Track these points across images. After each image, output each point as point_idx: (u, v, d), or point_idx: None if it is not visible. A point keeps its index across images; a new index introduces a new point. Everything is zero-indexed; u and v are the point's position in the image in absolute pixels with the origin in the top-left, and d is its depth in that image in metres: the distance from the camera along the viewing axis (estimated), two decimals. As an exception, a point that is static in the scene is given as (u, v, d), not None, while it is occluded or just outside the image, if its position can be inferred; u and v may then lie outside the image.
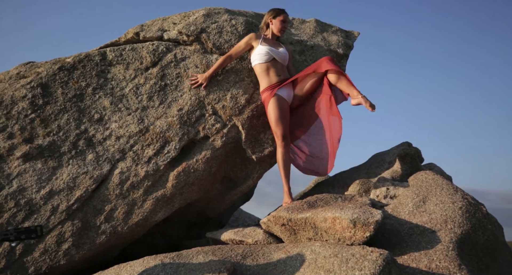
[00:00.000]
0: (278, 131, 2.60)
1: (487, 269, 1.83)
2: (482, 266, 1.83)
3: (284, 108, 2.64)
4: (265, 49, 2.66)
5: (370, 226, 1.84)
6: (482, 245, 1.91)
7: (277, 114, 2.60)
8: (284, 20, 2.77)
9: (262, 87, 2.71)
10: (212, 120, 2.74)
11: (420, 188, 2.37)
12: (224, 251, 2.05)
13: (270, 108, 2.63)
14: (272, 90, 2.65)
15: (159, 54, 2.88)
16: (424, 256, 1.78)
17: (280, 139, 2.60)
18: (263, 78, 2.71)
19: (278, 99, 2.64)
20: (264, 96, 2.69)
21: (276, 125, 2.60)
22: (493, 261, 1.90)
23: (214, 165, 2.71)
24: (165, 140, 2.66)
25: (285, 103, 2.68)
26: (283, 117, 2.62)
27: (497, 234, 2.07)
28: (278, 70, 2.70)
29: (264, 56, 2.66)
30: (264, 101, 2.71)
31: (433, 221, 2.01)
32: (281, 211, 2.24)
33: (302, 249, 1.92)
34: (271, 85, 2.67)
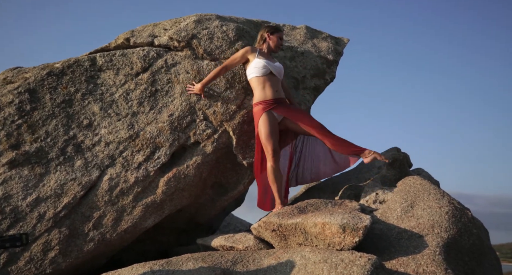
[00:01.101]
0: (268, 146, 2.61)
1: (472, 273, 1.87)
2: (468, 270, 1.86)
3: (274, 124, 2.66)
4: (263, 62, 2.68)
5: (359, 231, 1.86)
6: (468, 249, 1.94)
7: (268, 130, 2.61)
8: (281, 38, 2.87)
9: (256, 99, 2.70)
10: (203, 126, 2.74)
11: (408, 193, 2.41)
12: (214, 258, 2.04)
13: (261, 123, 2.64)
14: (267, 106, 2.65)
15: (149, 60, 2.88)
16: (411, 261, 1.80)
17: (271, 153, 2.60)
18: (259, 91, 2.69)
19: (269, 115, 2.64)
20: (256, 109, 2.69)
21: (267, 141, 2.61)
22: (478, 265, 1.94)
23: (205, 170, 2.71)
24: (156, 146, 2.65)
25: (275, 120, 2.69)
26: (274, 133, 2.63)
27: (483, 238, 2.11)
28: (274, 85, 2.71)
29: (262, 70, 2.67)
30: (255, 114, 2.70)
31: (421, 225, 2.04)
32: (272, 216, 2.25)
33: (292, 254, 1.93)
34: (266, 101, 2.65)
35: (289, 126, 2.74)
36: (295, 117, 2.68)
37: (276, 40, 2.81)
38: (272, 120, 2.63)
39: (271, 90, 2.66)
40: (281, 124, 2.73)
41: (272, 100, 2.65)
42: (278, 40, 2.82)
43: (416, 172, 3.13)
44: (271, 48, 2.84)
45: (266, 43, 2.83)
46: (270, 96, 2.65)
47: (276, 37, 2.81)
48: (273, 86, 2.68)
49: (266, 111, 2.63)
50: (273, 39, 2.82)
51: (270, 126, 2.61)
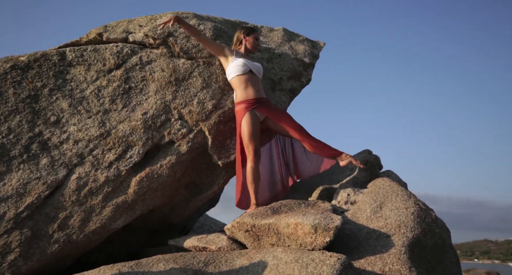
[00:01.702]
0: (250, 146, 2.60)
1: (434, 270, 1.96)
2: (430, 267, 1.96)
3: (257, 124, 2.66)
4: (242, 60, 2.69)
5: (330, 231, 1.90)
6: (431, 248, 2.04)
7: (251, 130, 2.61)
8: (258, 38, 2.88)
9: (238, 99, 2.69)
10: (178, 125, 2.70)
11: (378, 194, 2.49)
12: (186, 259, 2.02)
13: (244, 123, 2.63)
14: (249, 106, 2.65)
15: (123, 57, 2.80)
16: (379, 260, 1.86)
17: (252, 153, 2.60)
18: (241, 91, 2.68)
19: (252, 115, 2.64)
20: (238, 108, 2.68)
21: (249, 141, 2.60)
22: (439, 263, 2.04)
23: (179, 170, 2.67)
24: (128, 144, 2.58)
25: (258, 120, 2.70)
26: (256, 133, 2.64)
27: (444, 237, 2.22)
28: (256, 85, 2.71)
29: (242, 68, 2.67)
30: (237, 113, 2.69)
31: (388, 225, 2.12)
32: (245, 217, 2.25)
33: (265, 255, 1.94)
34: (249, 100, 2.65)
35: (270, 127, 2.76)
36: (277, 118, 2.70)
37: (253, 41, 2.83)
38: (254, 120, 2.64)
39: (253, 90, 2.67)
40: (262, 124, 2.74)
41: (254, 99, 2.65)
42: (255, 41, 2.84)
43: (386, 174, 3.24)
44: (248, 49, 2.85)
45: (243, 45, 2.85)
46: (252, 96, 2.65)
47: (252, 38, 2.83)
48: (255, 85, 2.69)
49: (249, 111, 2.63)
50: (249, 40, 2.83)
51: (253, 126, 2.61)
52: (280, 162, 2.94)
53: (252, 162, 2.60)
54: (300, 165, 2.94)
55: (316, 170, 2.91)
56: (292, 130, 2.66)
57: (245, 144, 2.62)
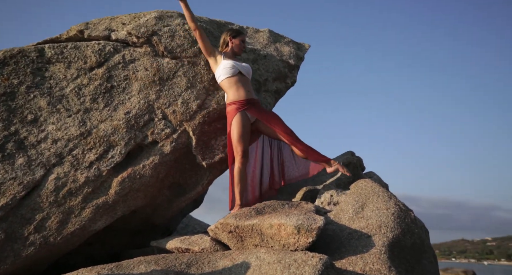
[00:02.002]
0: (239, 147, 2.61)
1: (412, 270, 2.01)
2: (409, 267, 2.00)
3: (247, 125, 2.67)
4: (231, 62, 2.71)
5: (312, 232, 1.91)
6: (410, 248, 2.08)
7: (240, 131, 2.62)
8: (244, 40, 2.89)
9: (230, 100, 2.70)
10: (161, 125, 2.66)
11: (360, 195, 2.53)
12: (168, 260, 1.99)
13: (234, 124, 2.64)
14: (240, 107, 2.65)
15: (105, 55, 2.74)
16: (360, 260, 1.89)
17: (240, 154, 2.61)
18: (232, 92, 2.69)
19: (243, 116, 2.65)
20: (229, 108, 2.69)
21: (238, 142, 2.61)
22: (418, 262, 2.08)
23: (162, 170, 2.64)
24: (110, 144, 2.53)
25: (249, 121, 2.71)
26: (246, 134, 2.65)
27: (423, 237, 2.28)
28: (246, 85, 2.73)
29: (231, 70, 2.68)
30: (228, 113, 2.70)
31: (370, 226, 2.16)
32: (229, 218, 2.24)
33: (248, 256, 1.94)
34: (240, 101, 2.66)
35: (260, 129, 2.77)
36: (267, 120, 2.71)
37: (239, 43, 2.85)
38: (245, 121, 2.64)
39: (244, 91, 2.68)
40: (252, 125, 2.75)
41: (245, 100, 2.66)
42: (241, 43, 2.86)
43: (368, 175, 3.30)
44: (234, 51, 2.86)
45: (230, 47, 2.86)
46: (243, 97, 2.66)
47: (238, 40, 2.85)
48: (245, 86, 2.71)
49: (240, 112, 2.63)
50: (235, 43, 2.85)
51: (243, 128, 2.62)
52: (272, 164, 2.96)
53: (239, 162, 2.61)
54: (287, 169, 2.96)
55: (304, 174, 2.95)
56: (282, 133, 2.67)
57: (234, 145, 2.63)
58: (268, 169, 2.96)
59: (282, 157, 2.96)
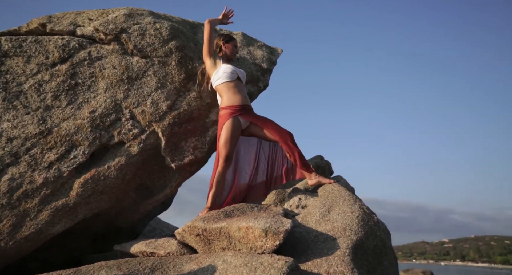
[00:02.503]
0: (223, 151, 2.61)
1: (374, 271, 2.08)
2: (371, 269, 2.07)
3: (237, 131, 2.67)
4: (231, 67, 2.73)
5: (280, 235, 1.93)
6: (372, 250, 2.16)
7: (229, 136, 2.61)
8: (236, 45, 2.94)
9: (224, 104, 2.68)
10: (129, 125, 2.59)
11: (327, 198, 2.59)
12: (131, 265, 1.93)
13: (224, 128, 2.63)
14: (234, 112, 2.65)
15: (70, 50, 2.62)
16: (325, 262, 1.93)
17: (223, 158, 2.61)
18: (228, 96, 2.68)
19: (235, 121, 2.64)
20: (223, 112, 2.67)
21: (224, 146, 2.61)
22: (379, 264, 2.17)
23: (129, 172, 2.56)
24: (72, 144, 2.41)
25: (240, 127, 2.70)
26: (233, 140, 2.64)
27: (385, 239, 2.37)
28: (242, 91, 2.74)
29: (231, 74, 2.70)
30: (221, 117, 2.68)
31: (335, 229, 2.21)
32: (197, 221, 2.22)
33: (215, 259, 1.92)
34: (235, 107, 2.66)
35: (253, 133, 2.78)
36: (262, 123, 2.72)
37: (232, 48, 2.90)
38: (236, 127, 2.64)
39: (240, 96, 2.69)
40: (245, 131, 2.76)
41: (240, 106, 2.67)
42: (233, 48, 2.91)
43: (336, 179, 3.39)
44: (227, 56, 2.89)
45: (223, 51, 2.88)
46: (238, 102, 2.67)
47: (231, 45, 2.90)
48: (241, 92, 2.73)
49: (233, 117, 2.63)
50: (228, 47, 2.89)
51: (232, 133, 2.62)
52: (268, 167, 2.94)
53: (221, 166, 2.61)
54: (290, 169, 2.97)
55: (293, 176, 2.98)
56: (276, 134, 2.68)
57: (220, 148, 2.63)
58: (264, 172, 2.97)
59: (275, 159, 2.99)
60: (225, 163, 2.61)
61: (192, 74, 2.86)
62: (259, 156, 2.95)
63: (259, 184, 2.97)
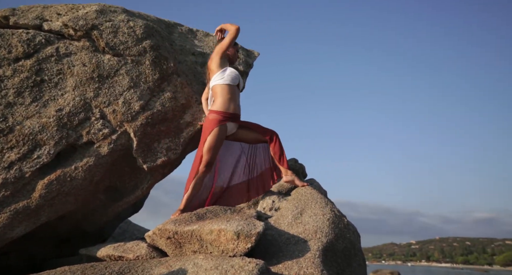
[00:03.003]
0: (206, 157, 2.60)
1: (343, 273, 2.13)
2: (340, 270, 2.12)
3: (222, 139, 2.68)
4: (237, 73, 2.75)
5: (252, 237, 1.93)
6: (341, 251, 2.21)
7: (213, 143, 2.61)
8: (238, 51, 2.99)
9: (217, 107, 2.66)
10: (99, 125, 2.50)
11: (300, 201, 2.63)
12: (96, 269, 1.86)
13: (211, 135, 2.61)
14: (224, 119, 2.65)
15: (35, 45, 2.50)
16: (295, 264, 1.95)
17: (205, 164, 2.61)
18: (224, 100, 2.67)
19: (222, 129, 2.64)
20: (213, 117, 2.64)
21: (207, 152, 2.60)
22: (348, 265, 2.22)
23: (98, 173, 2.47)
24: (36, 143, 2.30)
25: (225, 135, 2.71)
26: (217, 147, 2.64)
27: (355, 241, 2.43)
28: (237, 99, 2.75)
29: (235, 79, 2.71)
30: (210, 121, 2.65)
31: (307, 231, 2.25)
32: (168, 223, 2.18)
33: (185, 262, 1.89)
34: (227, 114, 2.65)
35: (239, 138, 2.80)
36: (250, 125, 2.79)
37: (234, 52, 2.92)
38: (222, 135, 2.65)
39: (234, 104, 2.70)
40: (230, 136, 2.78)
41: (231, 114, 2.68)
42: (236, 53, 2.93)
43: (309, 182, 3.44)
44: (230, 60, 2.90)
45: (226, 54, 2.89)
46: (232, 110, 2.68)
47: (234, 50, 2.92)
48: (236, 99, 2.74)
49: (221, 125, 2.63)
50: (231, 51, 2.90)
51: (217, 141, 2.62)
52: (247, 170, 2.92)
53: (201, 171, 2.61)
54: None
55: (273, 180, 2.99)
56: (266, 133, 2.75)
57: (203, 153, 2.62)
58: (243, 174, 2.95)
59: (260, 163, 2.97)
60: (205, 168, 2.61)
61: (167, 74, 2.81)
62: (239, 158, 2.95)
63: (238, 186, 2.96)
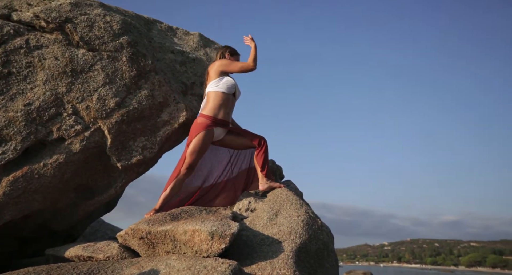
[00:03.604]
0: (188, 160, 2.59)
1: (315, 273, 2.16)
2: (312, 271, 2.15)
3: (208, 144, 2.67)
4: (234, 82, 2.74)
5: (226, 238, 1.93)
6: (314, 253, 2.24)
7: (198, 147, 2.59)
8: (238, 60, 2.96)
9: (207, 112, 2.65)
10: (71, 121, 2.42)
11: (275, 202, 2.65)
12: (63, 270, 1.79)
13: (197, 138, 2.60)
14: (212, 125, 2.64)
15: (2, 36, 2.39)
16: (269, 265, 1.97)
17: (186, 167, 2.59)
18: (215, 106, 2.66)
19: (208, 134, 2.63)
20: (201, 120, 2.64)
21: (190, 155, 2.59)
22: (320, 266, 2.26)
23: (68, 171, 2.39)
24: (1, 138, 2.19)
25: (211, 140, 2.70)
26: (201, 151, 2.63)
27: (328, 242, 2.48)
28: (230, 107, 2.75)
29: (231, 88, 2.70)
30: (198, 124, 2.63)
31: (281, 232, 2.26)
32: (141, 223, 2.14)
33: (157, 263, 1.86)
34: (215, 119, 2.65)
35: (225, 143, 2.80)
36: (240, 130, 2.80)
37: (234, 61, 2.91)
38: (208, 140, 2.64)
39: (224, 111, 2.69)
40: (217, 142, 2.77)
41: (220, 120, 2.67)
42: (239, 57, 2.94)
43: (286, 184, 3.47)
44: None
45: None
46: (221, 117, 2.68)
47: (235, 58, 2.93)
48: (229, 108, 2.74)
49: (208, 130, 2.62)
50: (232, 60, 2.90)
51: (202, 145, 2.61)
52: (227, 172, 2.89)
53: (183, 174, 2.59)
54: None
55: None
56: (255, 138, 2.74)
57: (187, 155, 2.61)
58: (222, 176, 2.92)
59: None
60: (186, 171, 2.60)
61: (145, 72, 2.76)
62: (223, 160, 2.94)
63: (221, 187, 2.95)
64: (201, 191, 2.85)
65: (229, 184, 2.91)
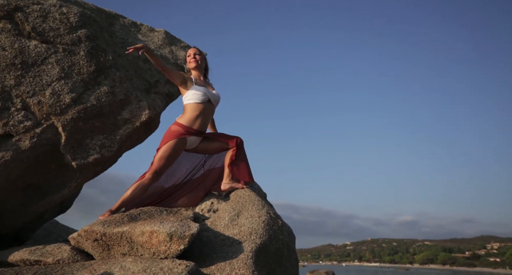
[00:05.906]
0: (156, 166, 2.52)
1: (273, 273, 2.19)
2: (271, 270, 2.18)
3: (178, 152, 2.61)
4: (203, 89, 2.67)
5: (185, 239, 1.91)
6: (273, 253, 2.28)
7: (167, 154, 2.54)
8: (190, 55, 2.88)
9: (182, 120, 2.61)
10: (20, 117, 2.27)
11: (238, 203, 2.65)
12: (6, 276, 1.67)
13: (168, 145, 2.54)
14: (186, 134, 2.59)
15: None
16: (228, 266, 1.97)
17: (152, 172, 2.52)
18: (190, 116, 2.62)
19: (180, 143, 2.58)
20: (175, 128, 2.59)
21: (159, 161, 2.53)
22: (279, 265, 2.29)
23: (16, 169, 2.24)
24: None
25: (182, 148, 2.66)
26: (170, 159, 2.57)
27: (289, 242, 2.52)
28: (207, 116, 2.69)
29: (202, 96, 2.63)
30: (172, 132, 2.57)
31: (242, 233, 2.28)
32: (96, 224, 2.05)
33: (111, 265, 1.80)
34: (190, 129, 2.60)
35: (199, 150, 2.76)
36: (215, 135, 2.79)
37: (186, 58, 2.87)
38: (179, 149, 2.60)
39: (201, 122, 2.65)
40: (191, 150, 2.74)
41: (195, 131, 2.63)
42: (187, 57, 2.87)
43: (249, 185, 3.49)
44: (193, 69, 2.83)
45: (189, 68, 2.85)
46: (196, 127, 2.63)
47: (186, 56, 2.88)
48: (207, 116, 2.70)
49: (181, 138, 2.57)
50: (187, 60, 2.87)
51: (171, 153, 2.56)
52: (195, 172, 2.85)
53: (148, 179, 2.52)
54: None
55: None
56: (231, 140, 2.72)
57: (155, 161, 2.55)
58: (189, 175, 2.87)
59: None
60: (152, 176, 2.52)
61: (105, 67, 2.66)
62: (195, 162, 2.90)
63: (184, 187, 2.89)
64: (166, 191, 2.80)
65: (196, 184, 2.88)
